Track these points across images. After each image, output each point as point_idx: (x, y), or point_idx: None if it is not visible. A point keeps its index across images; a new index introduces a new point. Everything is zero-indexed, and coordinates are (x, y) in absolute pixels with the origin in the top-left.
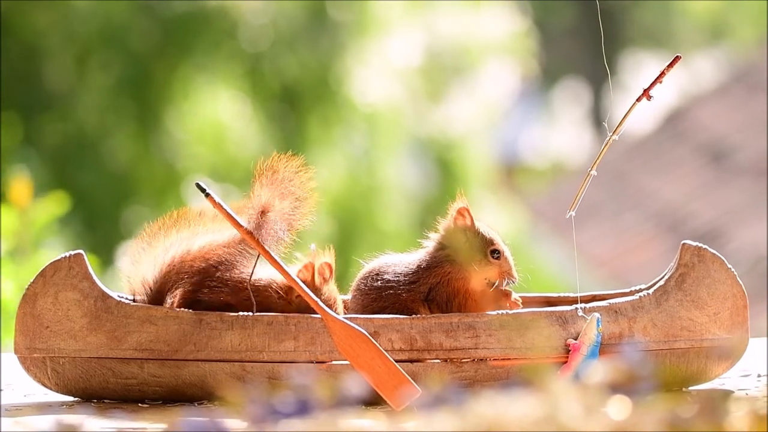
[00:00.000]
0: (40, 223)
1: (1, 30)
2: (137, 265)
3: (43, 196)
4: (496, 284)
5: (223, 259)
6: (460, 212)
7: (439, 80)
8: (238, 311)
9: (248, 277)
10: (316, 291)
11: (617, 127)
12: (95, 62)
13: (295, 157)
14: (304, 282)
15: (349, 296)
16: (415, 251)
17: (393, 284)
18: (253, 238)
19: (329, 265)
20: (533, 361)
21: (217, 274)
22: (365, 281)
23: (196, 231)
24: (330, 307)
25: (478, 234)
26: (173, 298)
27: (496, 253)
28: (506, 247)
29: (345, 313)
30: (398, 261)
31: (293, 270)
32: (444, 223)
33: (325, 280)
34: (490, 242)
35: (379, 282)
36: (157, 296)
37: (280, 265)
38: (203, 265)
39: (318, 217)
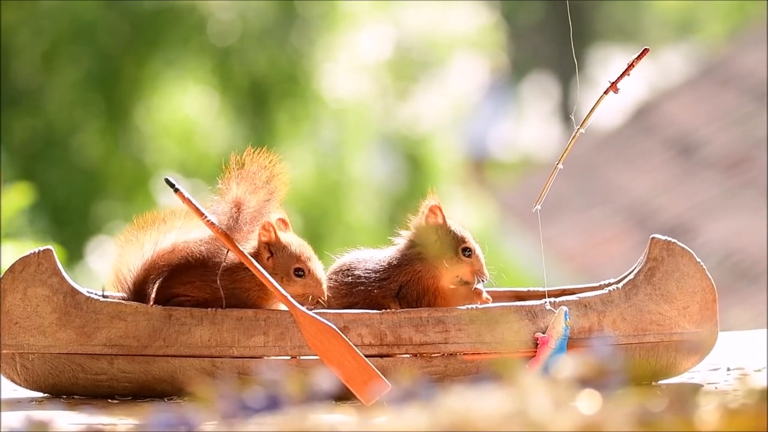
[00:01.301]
0: (7, 215)
1: None
2: (124, 253)
3: (8, 188)
4: (467, 282)
5: (204, 256)
6: (431, 210)
7: (408, 75)
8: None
9: (217, 271)
10: (310, 273)
11: (584, 120)
12: (64, 58)
13: (262, 151)
14: (268, 242)
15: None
16: (386, 247)
17: (364, 280)
18: (220, 232)
19: (283, 220)
20: (503, 355)
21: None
22: (336, 276)
23: (184, 227)
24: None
25: (449, 232)
26: (154, 290)
27: (467, 251)
28: (477, 245)
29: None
30: (369, 257)
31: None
32: (415, 221)
33: (287, 227)
34: (462, 240)
35: (349, 278)
36: (139, 286)
37: (249, 260)
38: (188, 259)
39: (286, 211)
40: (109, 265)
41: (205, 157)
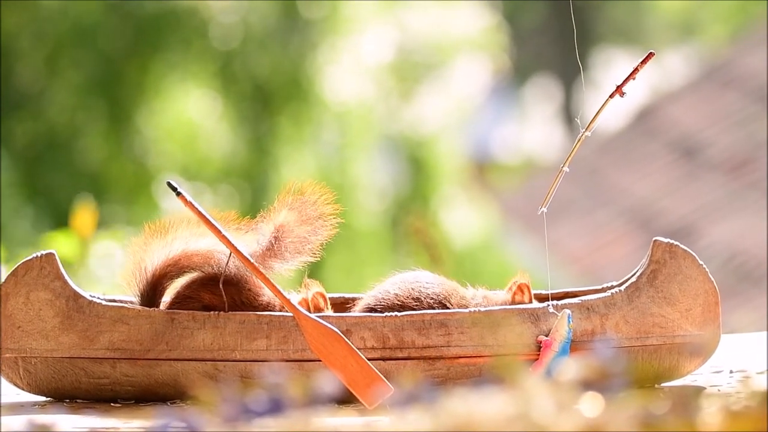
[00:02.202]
0: (101, 256)
1: None
2: (150, 244)
3: (104, 228)
4: None
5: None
6: (520, 288)
7: (411, 77)
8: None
9: (221, 274)
10: None
11: (590, 124)
12: (66, 62)
13: (322, 185)
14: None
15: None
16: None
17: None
18: (220, 234)
19: (322, 295)
20: (506, 358)
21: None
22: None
23: (200, 232)
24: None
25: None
26: (173, 291)
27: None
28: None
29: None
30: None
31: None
32: (499, 294)
33: (321, 311)
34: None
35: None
36: (156, 280)
37: (251, 263)
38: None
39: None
40: (131, 253)
41: (208, 160)
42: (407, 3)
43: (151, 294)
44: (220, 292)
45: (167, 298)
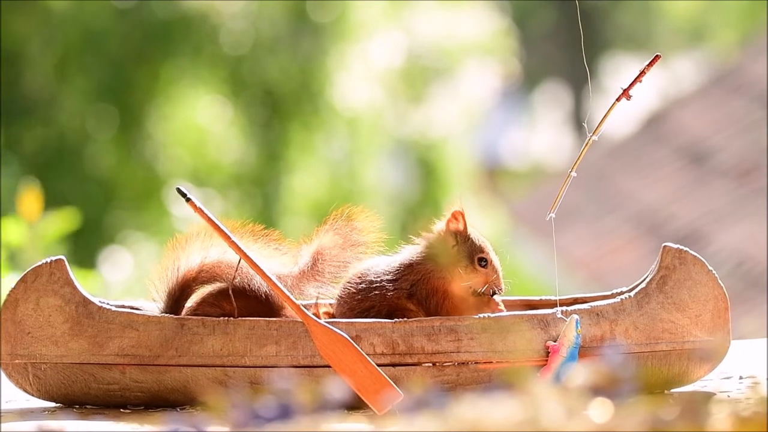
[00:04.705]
0: (49, 239)
1: None
2: (189, 245)
3: (52, 211)
4: (481, 291)
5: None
6: (454, 215)
7: (420, 82)
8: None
9: (230, 280)
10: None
11: (597, 128)
12: (76, 67)
13: (369, 212)
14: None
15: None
16: (400, 251)
17: (377, 284)
18: (230, 240)
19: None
20: (515, 364)
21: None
22: (350, 285)
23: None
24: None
25: (468, 239)
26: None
27: (483, 261)
28: (496, 256)
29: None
30: (380, 261)
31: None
32: (437, 225)
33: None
34: (479, 249)
35: (363, 284)
36: (181, 289)
37: (262, 270)
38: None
39: (300, 221)
40: (167, 250)
41: (218, 166)
42: (416, 7)
43: (178, 294)
44: (246, 304)
45: (191, 303)
